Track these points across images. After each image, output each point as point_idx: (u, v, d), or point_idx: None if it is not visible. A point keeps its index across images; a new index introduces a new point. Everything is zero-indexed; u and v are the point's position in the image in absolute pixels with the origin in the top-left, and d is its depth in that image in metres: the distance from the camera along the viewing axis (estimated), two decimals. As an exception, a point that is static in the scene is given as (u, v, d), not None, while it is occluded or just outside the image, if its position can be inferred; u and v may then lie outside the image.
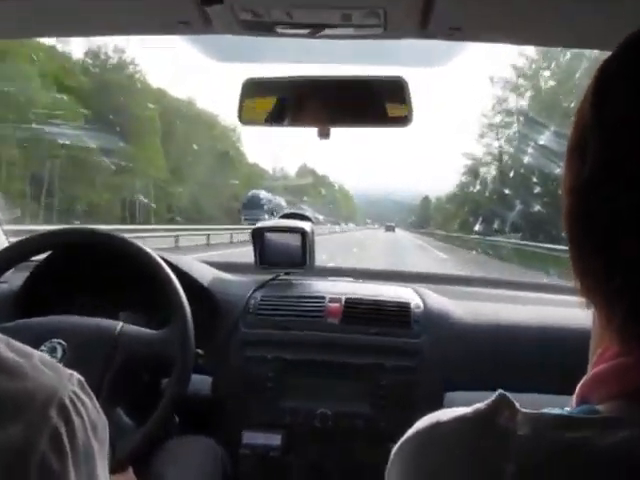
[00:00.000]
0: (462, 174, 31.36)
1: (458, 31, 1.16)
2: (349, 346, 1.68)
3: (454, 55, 1.37)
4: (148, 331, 1.51)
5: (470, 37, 1.20)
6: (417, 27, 1.17)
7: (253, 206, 30.95)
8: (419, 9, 1.10)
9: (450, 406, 0.58)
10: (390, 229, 49.63)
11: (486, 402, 0.54)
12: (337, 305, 1.74)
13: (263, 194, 33.28)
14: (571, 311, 1.67)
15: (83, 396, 0.64)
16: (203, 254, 14.32)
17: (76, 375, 0.65)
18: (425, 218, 51.76)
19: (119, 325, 1.49)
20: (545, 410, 0.53)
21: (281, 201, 36.31)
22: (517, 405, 0.53)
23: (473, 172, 30.04)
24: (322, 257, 2.03)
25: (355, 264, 12.89)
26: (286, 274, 1.91)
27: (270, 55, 1.45)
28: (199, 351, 1.56)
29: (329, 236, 27.22)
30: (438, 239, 33.15)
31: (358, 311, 1.73)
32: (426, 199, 55.52)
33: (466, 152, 31.00)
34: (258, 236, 1.86)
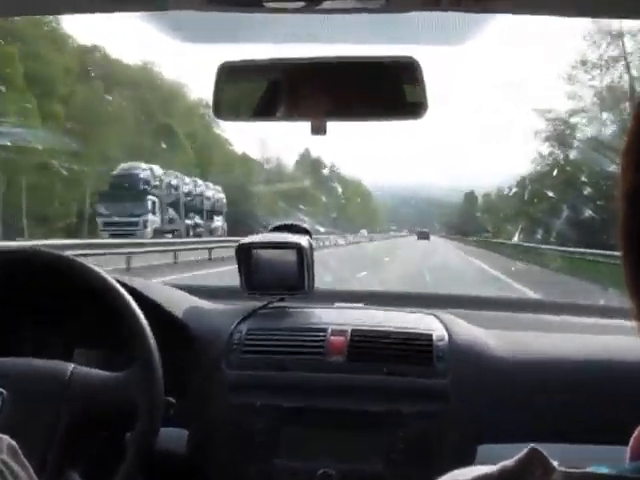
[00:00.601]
0: (544, 139, 25.21)
1: (477, 2, 1.13)
2: (357, 389, 1.65)
3: (475, 30, 1.37)
4: (105, 374, 1.48)
5: (492, 8, 1.17)
6: None
7: (122, 197, 21.32)
8: None
9: (484, 462, 0.58)
10: (423, 236, 48.17)
11: (515, 458, 0.54)
12: (342, 339, 1.70)
13: (144, 171, 22.85)
14: (635, 341, 1.66)
15: (14, 465, 0.62)
16: (207, 271, 14.32)
17: (6, 440, 0.64)
18: (470, 221, 47.80)
19: (70, 367, 1.46)
20: (589, 468, 0.53)
21: (203, 187, 25.96)
22: (554, 462, 0.53)
23: (559, 136, 24.67)
24: (326, 279, 2.04)
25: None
26: (279, 300, 1.87)
27: (249, 33, 1.45)
28: (170, 399, 1.53)
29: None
30: (505, 254, 23.91)
31: (368, 345, 1.69)
32: (470, 196, 52.24)
33: (543, 109, 24.98)
34: (244, 254, 1.82)
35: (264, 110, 1.49)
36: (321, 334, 1.73)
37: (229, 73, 1.49)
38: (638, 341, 0.60)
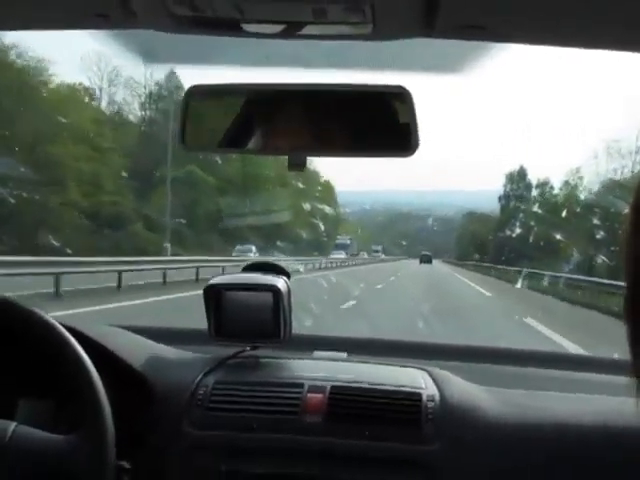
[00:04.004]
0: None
1: (474, 29, 1.12)
2: (335, 455, 1.59)
3: (474, 57, 1.32)
4: (50, 437, 1.40)
5: (489, 37, 1.16)
6: (420, 24, 1.13)
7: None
8: (422, 4, 1.05)
9: None
10: (425, 260, 44.12)
11: None
12: (320, 396, 1.64)
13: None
14: None
15: None
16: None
17: None
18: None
19: (11, 427, 1.38)
20: None
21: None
22: None
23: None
24: (306, 323, 1.95)
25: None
26: (252, 349, 1.81)
27: (221, 54, 1.39)
28: (124, 464, 1.46)
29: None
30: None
31: (348, 405, 1.62)
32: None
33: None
34: (213, 296, 1.76)
35: (235, 141, 1.43)
36: (297, 390, 1.67)
37: (198, 97, 1.44)
38: None
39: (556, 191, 37.49)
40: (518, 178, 41.68)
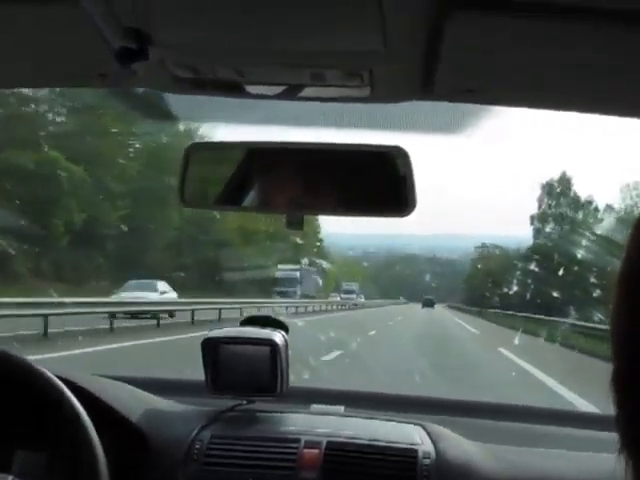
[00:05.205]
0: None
1: (471, 93, 1.14)
2: None
3: (473, 119, 1.34)
4: None
5: (486, 100, 1.19)
6: (417, 87, 1.15)
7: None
8: (419, 69, 1.08)
9: None
10: (428, 304, 40.90)
11: None
12: (315, 452, 1.63)
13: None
14: None
15: None
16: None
17: None
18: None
19: None
20: None
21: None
22: None
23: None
24: (304, 376, 1.95)
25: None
26: (249, 403, 1.81)
27: (223, 113, 1.42)
28: None
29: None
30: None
31: (344, 461, 1.62)
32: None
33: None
34: (210, 349, 1.76)
35: (234, 198, 1.44)
36: (293, 445, 1.66)
37: (197, 154, 1.45)
38: None
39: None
40: (559, 192, 31.85)
